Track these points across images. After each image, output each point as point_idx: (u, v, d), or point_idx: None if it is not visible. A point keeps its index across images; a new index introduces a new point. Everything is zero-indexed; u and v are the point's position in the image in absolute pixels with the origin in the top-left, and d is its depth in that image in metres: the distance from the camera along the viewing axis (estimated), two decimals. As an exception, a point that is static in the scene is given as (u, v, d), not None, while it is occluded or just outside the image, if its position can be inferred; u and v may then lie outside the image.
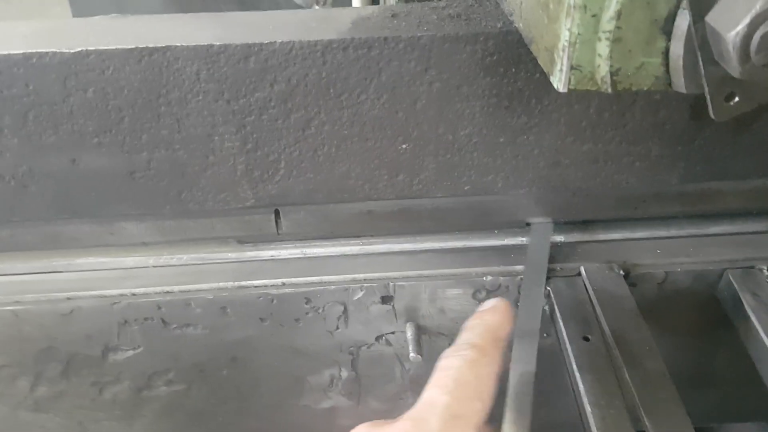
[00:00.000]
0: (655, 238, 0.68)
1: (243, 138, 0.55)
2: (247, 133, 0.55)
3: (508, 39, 0.51)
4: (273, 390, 0.71)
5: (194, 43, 0.50)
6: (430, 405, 0.44)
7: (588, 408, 0.52)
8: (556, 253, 0.65)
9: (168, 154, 0.56)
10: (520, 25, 0.49)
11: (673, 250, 0.66)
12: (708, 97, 0.39)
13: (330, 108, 0.55)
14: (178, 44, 0.51)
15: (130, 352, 0.67)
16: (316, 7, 1.17)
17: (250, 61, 0.51)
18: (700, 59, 0.37)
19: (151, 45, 0.51)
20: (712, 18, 0.35)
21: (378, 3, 0.98)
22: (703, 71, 0.38)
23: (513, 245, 0.68)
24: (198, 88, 0.52)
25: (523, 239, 0.68)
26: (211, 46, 0.51)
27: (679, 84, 0.39)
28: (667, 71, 0.39)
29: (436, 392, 0.45)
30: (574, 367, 0.56)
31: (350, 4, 1.02)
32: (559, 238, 0.67)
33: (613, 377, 0.54)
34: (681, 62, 0.38)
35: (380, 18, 0.54)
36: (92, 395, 0.71)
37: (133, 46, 0.51)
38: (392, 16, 0.54)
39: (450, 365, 0.46)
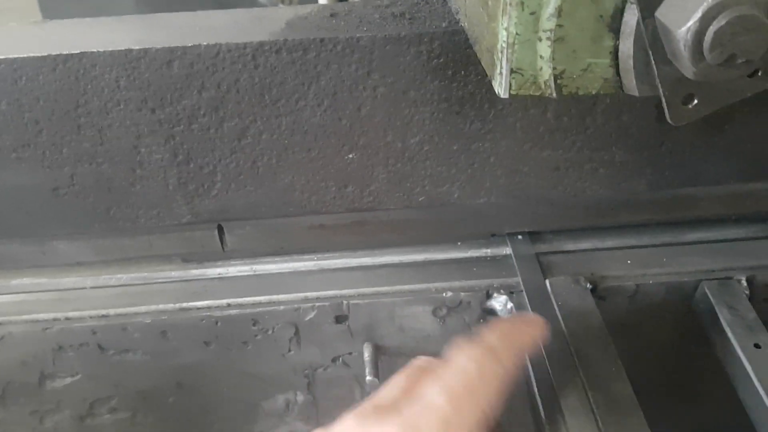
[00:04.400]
0: (625, 248, 0.63)
1: (172, 149, 0.51)
2: (177, 144, 0.51)
3: (455, 39, 0.47)
4: (225, 417, 0.67)
5: (111, 48, 0.46)
6: (424, 407, 0.40)
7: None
8: (520, 265, 0.61)
9: (92, 168, 0.51)
10: (465, 24, 0.45)
11: (644, 261, 0.62)
12: (663, 100, 0.35)
13: (266, 116, 0.51)
14: (94, 50, 0.46)
15: (69, 379, 0.63)
16: (281, 6, 1.13)
17: (174, 66, 0.47)
18: (652, 59, 0.33)
19: (65, 52, 0.46)
20: (662, 13, 0.31)
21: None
22: (656, 72, 0.34)
23: (476, 257, 0.64)
24: (119, 97, 0.48)
25: (488, 251, 0.64)
26: (130, 50, 0.46)
27: (631, 86, 0.35)
28: (617, 73, 0.35)
29: (434, 391, 0.41)
30: (535, 389, 0.52)
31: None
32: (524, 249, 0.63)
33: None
34: (631, 62, 0.34)
35: (318, 17, 0.50)
36: (33, 424, 0.66)
37: (45, 54, 0.47)
38: (331, 15, 0.50)
39: (457, 363, 0.42)
